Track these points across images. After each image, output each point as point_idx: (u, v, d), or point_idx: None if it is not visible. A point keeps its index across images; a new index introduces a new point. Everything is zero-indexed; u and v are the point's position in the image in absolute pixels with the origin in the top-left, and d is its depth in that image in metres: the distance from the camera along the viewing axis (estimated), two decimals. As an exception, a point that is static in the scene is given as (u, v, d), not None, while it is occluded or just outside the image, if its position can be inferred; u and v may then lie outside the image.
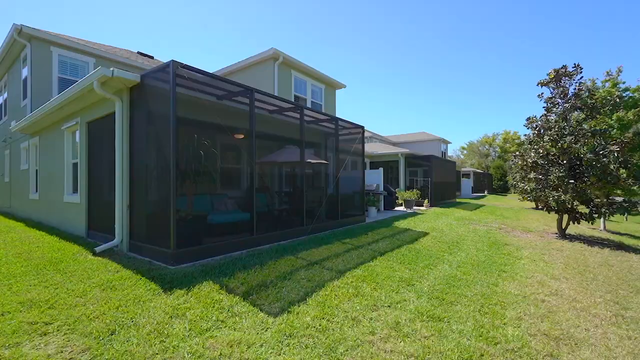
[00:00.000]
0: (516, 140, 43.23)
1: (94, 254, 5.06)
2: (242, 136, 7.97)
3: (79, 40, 10.46)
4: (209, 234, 5.97)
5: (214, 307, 3.25)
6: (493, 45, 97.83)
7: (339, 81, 13.40)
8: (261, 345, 2.66)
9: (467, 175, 32.97)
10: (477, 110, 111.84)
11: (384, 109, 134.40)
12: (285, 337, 2.81)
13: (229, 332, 2.83)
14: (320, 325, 3.05)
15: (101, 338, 2.67)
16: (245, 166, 9.03)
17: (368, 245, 6.43)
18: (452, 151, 61.30)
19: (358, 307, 3.51)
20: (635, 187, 13.38)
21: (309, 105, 12.05)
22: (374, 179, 13.19)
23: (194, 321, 2.96)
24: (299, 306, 3.41)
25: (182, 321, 2.96)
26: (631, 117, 13.16)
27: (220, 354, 2.52)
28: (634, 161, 10.77)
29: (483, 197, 29.12)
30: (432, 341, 2.94)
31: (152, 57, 13.80)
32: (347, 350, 2.69)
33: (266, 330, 2.90)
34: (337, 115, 12.27)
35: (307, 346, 2.70)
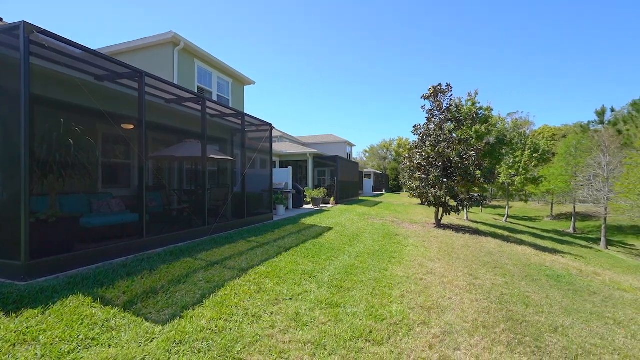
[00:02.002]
0: (407, 146, 50.21)
1: None
2: (131, 126, 6.96)
3: None
4: (83, 239, 4.97)
5: (82, 323, 2.70)
6: (391, 60, 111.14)
7: (248, 77, 13.01)
8: (143, 359, 2.34)
9: (368, 175, 36.43)
10: (378, 117, 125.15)
11: (295, 110, 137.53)
12: (174, 344, 2.54)
13: (100, 350, 2.39)
14: (216, 327, 2.87)
15: None
16: (135, 161, 7.88)
17: (274, 242, 6.41)
18: (357, 154, 66.97)
19: (259, 303, 3.45)
20: (486, 185, 17.09)
21: (214, 98, 11.32)
22: (283, 177, 13.30)
23: (51, 344, 2.40)
24: (193, 310, 3.14)
25: (32, 347, 2.36)
26: (484, 130, 16.85)
27: (87, 377, 2.10)
28: (485, 165, 13.76)
29: (381, 195, 32.64)
30: (329, 326, 3.10)
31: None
32: (244, 348, 2.60)
33: (152, 341, 2.56)
34: (247, 112, 11.89)
35: (199, 350, 2.50)
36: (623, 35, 76.50)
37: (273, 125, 9.66)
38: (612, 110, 38.73)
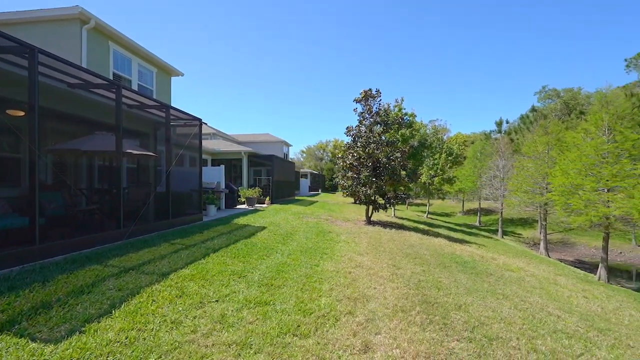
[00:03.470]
0: (342, 147, 52.42)
1: None
2: (20, 113, 5.83)
3: None
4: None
5: (-64, 353, 2.15)
6: (328, 63, 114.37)
7: (175, 67, 11.99)
8: (26, 385, 1.97)
9: (305, 175, 36.88)
10: (316, 118, 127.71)
11: (231, 108, 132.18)
12: (70, 364, 2.20)
13: (-36, 382, 1.94)
14: (127, 338, 2.57)
15: None
16: (27, 155, 6.61)
17: (202, 243, 6.03)
18: (293, 154, 67.27)
19: (180, 308, 3.20)
20: (410, 185, 18.73)
21: (134, 88, 10.17)
22: (215, 176, 12.63)
23: None
24: (99, 322, 2.76)
25: None
26: (408, 134, 18.51)
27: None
28: (410, 166, 15.11)
29: (317, 194, 33.35)
30: (256, 325, 3.03)
31: None
32: (159, 358, 2.38)
33: (39, 364, 2.17)
34: (175, 106, 10.95)
35: (103, 366, 2.21)
36: (522, 53, 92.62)
37: (203, 121, 9.10)
38: (507, 122, 46.28)
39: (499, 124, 47.29)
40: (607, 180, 12.87)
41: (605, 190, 13.19)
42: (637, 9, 61.75)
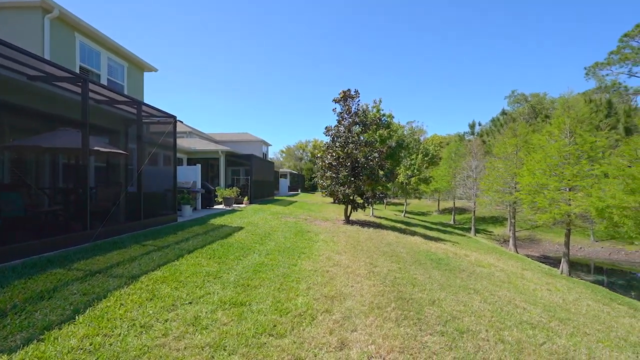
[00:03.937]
0: (322, 147, 52.49)
1: None
2: (-27, 106, 5.39)
3: None
4: None
5: None
6: (309, 63, 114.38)
7: (148, 62, 11.53)
8: (-25, 399, 1.82)
9: (284, 175, 36.63)
10: (296, 118, 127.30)
11: (209, 107, 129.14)
12: (27, 374, 2.05)
13: None
14: (91, 344, 2.44)
15: None
16: (-19, 152, 6.12)
17: (176, 244, 5.83)
18: (273, 154, 66.58)
19: (151, 311, 3.08)
20: (388, 184, 19.07)
21: (104, 82, 9.68)
22: (191, 175, 12.27)
23: None
24: (60, 329, 2.60)
25: None
26: (386, 135, 18.86)
27: None
28: (387, 166, 15.39)
29: (297, 194, 33.21)
30: (231, 326, 2.97)
31: None
32: (127, 363, 2.28)
33: (-9, 375, 2.01)
34: (147, 102, 10.53)
35: (64, 375, 2.08)
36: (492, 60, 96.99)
37: (177, 118, 8.81)
38: (480, 124, 48.29)
39: (472, 126, 49.22)
40: (569, 180, 13.73)
41: (567, 190, 14.06)
42: (599, 19, 66.72)
